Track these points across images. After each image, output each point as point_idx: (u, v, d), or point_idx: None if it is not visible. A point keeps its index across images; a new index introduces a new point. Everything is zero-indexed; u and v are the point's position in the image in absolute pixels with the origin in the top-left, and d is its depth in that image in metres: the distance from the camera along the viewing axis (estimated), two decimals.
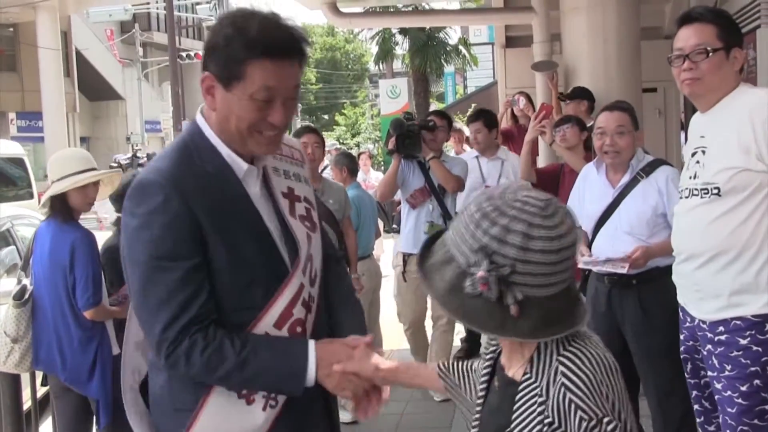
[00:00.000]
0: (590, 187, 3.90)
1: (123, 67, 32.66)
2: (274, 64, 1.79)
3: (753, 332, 2.63)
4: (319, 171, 6.46)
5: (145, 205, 1.79)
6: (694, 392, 2.94)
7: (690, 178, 2.78)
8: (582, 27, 7.13)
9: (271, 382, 1.85)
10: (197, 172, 1.84)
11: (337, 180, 5.92)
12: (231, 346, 1.80)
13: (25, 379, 4.14)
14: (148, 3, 29.76)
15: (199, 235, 1.80)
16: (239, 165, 1.89)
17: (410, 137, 5.28)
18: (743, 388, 2.63)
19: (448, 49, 28.55)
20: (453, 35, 29.00)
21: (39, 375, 3.99)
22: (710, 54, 2.66)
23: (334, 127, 33.71)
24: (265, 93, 1.80)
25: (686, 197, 2.80)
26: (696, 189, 2.74)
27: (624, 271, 3.53)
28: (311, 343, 1.87)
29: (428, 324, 5.65)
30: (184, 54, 32.04)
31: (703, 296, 2.74)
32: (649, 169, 3.69)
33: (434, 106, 29.58)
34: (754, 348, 2.62)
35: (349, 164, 5.95)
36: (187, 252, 1.79)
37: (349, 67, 58.56)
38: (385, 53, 29.94)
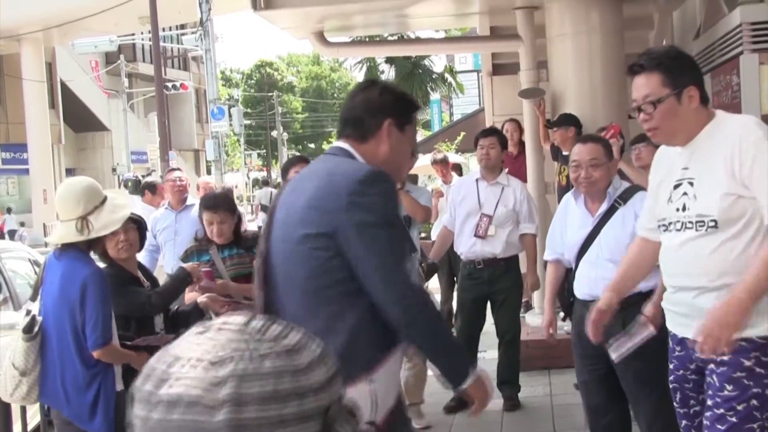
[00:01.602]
0: (571, 216, 3.98)
1: (108, 98, 32.65)
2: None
3: (758, 354, 2.62)
4: None
5: (382, 184, 2.31)
6: (684, 422, 2.92)
7: (678, 210, 2.76)
8: (568, 54, 7.19)
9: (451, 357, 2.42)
10: None
11: None
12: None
13: (15, 410, 4.08)
14: (133, 34, 29.83)
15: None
16: None
17: None
18: (739, 408, 2.62)
19: (434, 77, 28.74)
20: (439, 63, 29.25)
21: (30, 407, 3.93)
22: (657, 104, 2.66)
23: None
24: (415, 135, 2.62)
25: (678, 230, 2.77)
26: (690, 222, 2.72)
27: (653, 333, 3.35)
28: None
29: None
30: (169, 84, 32.08)
31: None
32: (626, 196, 3.78)
33: (421, 133, 29.69)
34: (758, 370, 2.62)
35: None
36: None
37: (335, 95, 58.84)
38: None
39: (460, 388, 2.36)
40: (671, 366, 2.92)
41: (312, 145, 55.70)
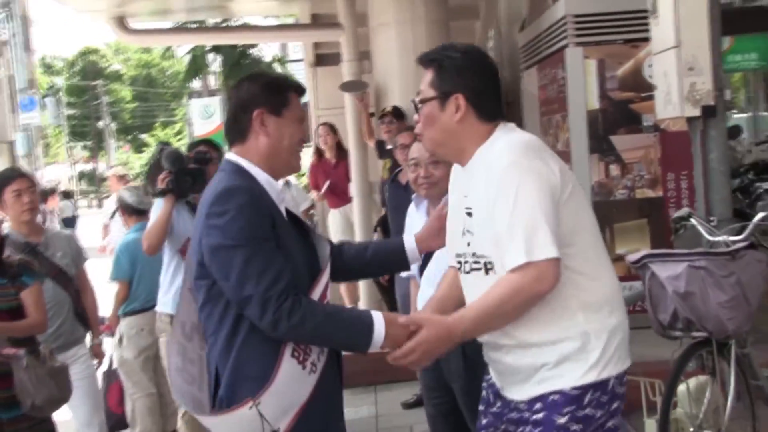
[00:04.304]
0: (413, 227, 3.43)
1: None
2: (298, 96, 2.46)
3: (573, 407, 2.21)
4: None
5: (234, 201, 2.23)
6: None
7: (468, 244, 2.34)
8: (391, 44, 6.86)
9: (346, 339, 2.29)
10: (255, 188, 2.32)
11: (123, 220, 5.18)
12: (317, 306, 2.27)
13: None
14: None
15: (271, 228, 2.28)
16: (274, 185, 2.38)
17: (192, 173, 4.32)
18: None
19: (261, 66, 27.90)
20: (269, 52, 28.46)
21: None
22: (419, 106, 2.32)
23: (143, 148, 32.19)
24: (301, 114, 2.46)
25: (467, 272, 2.35)
26: (477, 262, 2.30)
27: None
28: (376, 313, 2.28)
29: None
30: None
31: (524, 377, 2.30)
32: None
33: None
34: (573, 426, 2.21)
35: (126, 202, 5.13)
36: (271, 236, 2.25)
37: (166, 84, 56.70)
38: (195, 71, 28.87)
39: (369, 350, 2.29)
40: (483, 420, 2.47)
41: (143, 136, 53.35)
